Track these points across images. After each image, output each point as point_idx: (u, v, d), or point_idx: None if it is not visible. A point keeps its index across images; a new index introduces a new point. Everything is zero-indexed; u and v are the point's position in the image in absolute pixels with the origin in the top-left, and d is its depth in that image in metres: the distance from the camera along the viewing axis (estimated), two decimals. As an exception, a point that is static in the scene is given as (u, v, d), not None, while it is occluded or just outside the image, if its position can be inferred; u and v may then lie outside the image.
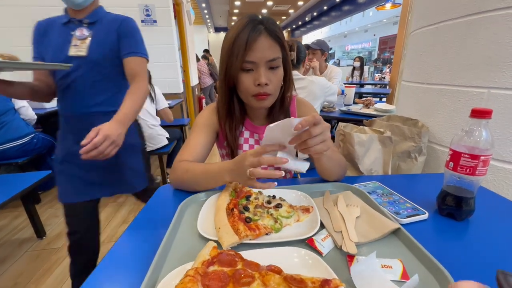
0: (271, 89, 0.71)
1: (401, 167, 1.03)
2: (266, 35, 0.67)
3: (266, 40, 0.67)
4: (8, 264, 1.52)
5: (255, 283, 0.36)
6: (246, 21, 0.67)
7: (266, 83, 0.68)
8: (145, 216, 0.61)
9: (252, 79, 0.69)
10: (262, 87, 0.69)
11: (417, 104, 1.15)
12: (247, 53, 0.66)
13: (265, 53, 0.67)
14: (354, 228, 0.51)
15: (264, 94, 0.70)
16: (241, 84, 0.71)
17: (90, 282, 0.42)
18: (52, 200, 2.27)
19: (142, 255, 0.48)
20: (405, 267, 0.41)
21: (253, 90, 0.70)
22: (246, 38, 0.65)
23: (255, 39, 0.66)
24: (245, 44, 0.65)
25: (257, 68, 0.68)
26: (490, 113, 0.50)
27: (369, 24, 17.33)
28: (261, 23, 0.67)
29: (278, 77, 0.72)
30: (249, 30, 0.66)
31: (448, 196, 0.57)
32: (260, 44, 0.66)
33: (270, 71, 0.70)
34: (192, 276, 0.35)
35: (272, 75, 0.70)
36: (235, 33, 0.67)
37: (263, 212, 0.56)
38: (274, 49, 0.69)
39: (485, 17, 0.82)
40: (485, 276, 0.41)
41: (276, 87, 0.73)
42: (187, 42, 4.19)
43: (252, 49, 0.66)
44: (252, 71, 0.69)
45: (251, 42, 0.66)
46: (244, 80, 0.70)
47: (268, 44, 0.67)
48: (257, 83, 0.68)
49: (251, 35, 0.65)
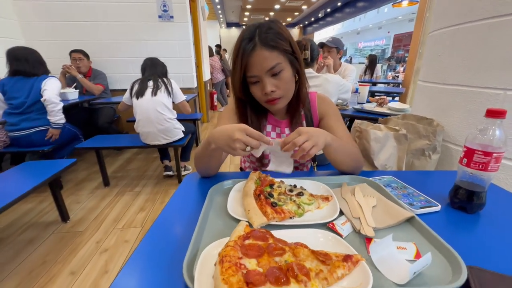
0: (280, 93, 0.75)
1: (415, 164, 1.06)
2: (260, 48, 0.70)
3: (261, 53, 0.70)
4: (37, 244, 1.64)
5: (287, 255, 0.41)
6: (242, 38, 0.72)
7: (272, 90, 0.73)
8: (176, 201, 0.68)
9: (259, 89, 0.75)
10: (269, 94, 0.74)
11: (433, 103, 1.17)
12: (247, 70, 0.72)
13: (263, 65, 0.71)
14: (371, 215, 0.55)
15: (273, 99, 0.76)
16: (253, 94, 0.77)
17: (137, 255, 0.48)
18: (73, 187, 2.40)
19: (178, 233, 0.54)
20: (418, 250, 0.46)
21: (264, 98, 0.76)
22: (241, 55, 0.71)
23: (251, 55, 0.70)
24: (241, 61, 0.71)
25: (261, 79, 0.73)
26: (505, 113, 0.53)
27: (384, 21, 16.91)
28: (253, 37, 0.70)
29: (284, 80, 0.74)
30: (244, 46, 0.70)
31: (460, 189, 0.61)
32: (256, 59, 0.70)
33: (274, 77, 0.73)
34: (232, 246, 0.41)
35: (277, 80, 0.74)
36: (236, 49, 0.73)
37: (286, 199, 0.61)
38: (272, 57, 0.71)
39: (504, 20, 0.84)
40: (493, 263, 0.45)
41: (285, 89, 0.76)
42: (200, 37, 4.25)
43: (250, 65, 0.71)
44: (259, 82, 0.74)
45: (247, 58, 0.70)
46: (254, 91, 0.77)
47: (264, 56, 0.70)
48: (264, 92, 0.74)
49: (245, 52, 0.70)
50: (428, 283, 0.39)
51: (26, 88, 2.05)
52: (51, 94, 2.06)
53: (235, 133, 0.56)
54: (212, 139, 0.64)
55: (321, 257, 0.41)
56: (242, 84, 0.77)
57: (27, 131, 2.08)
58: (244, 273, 0.36)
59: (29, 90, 2.05)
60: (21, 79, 2.06)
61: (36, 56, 2.13)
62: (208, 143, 0.67)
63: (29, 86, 2.05)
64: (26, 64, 2.05)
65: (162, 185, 2.43)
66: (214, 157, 0.72)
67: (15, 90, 2.04)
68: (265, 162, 0.92)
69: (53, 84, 2.12)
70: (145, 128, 2.13)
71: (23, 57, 2.05)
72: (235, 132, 0.57)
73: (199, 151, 0.74)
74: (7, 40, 2.85)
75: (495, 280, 0.39)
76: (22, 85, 2.05)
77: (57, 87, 2.16)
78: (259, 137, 0.58)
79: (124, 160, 3.09)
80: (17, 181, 1.54)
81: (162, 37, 3.23)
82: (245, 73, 0.73)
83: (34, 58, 2.11)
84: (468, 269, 0.40)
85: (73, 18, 3.06)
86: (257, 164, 0.94)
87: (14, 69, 2.04)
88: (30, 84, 2.05)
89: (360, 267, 0.40)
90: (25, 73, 2.06)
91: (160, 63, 2.26)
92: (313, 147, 0.60)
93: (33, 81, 2.06)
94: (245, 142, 0.57)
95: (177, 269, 0.42)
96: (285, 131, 0.90)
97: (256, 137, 0.58)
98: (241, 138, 0.56)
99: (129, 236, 1.72)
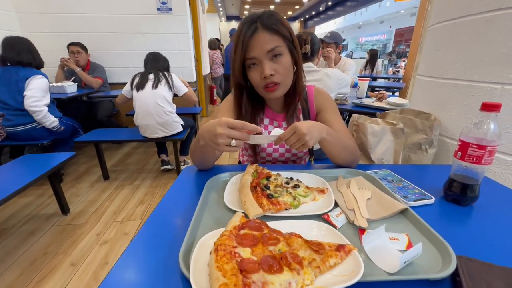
0: (279, 78, 0.75)
1: (412, 158, 1.07)
2: (262, 30, 0.71)
3: (262, 34, 0.71)
4: (38, 236, 1.66)
5: (281, 244, 0.42)
6: (243, 23, 0.73)
7: (271, 73, 0.73)
8: (174, 192, 0.68)
9: (258, 73, 0.74)
10: (268, 78, 0.73)
11: (431, 98, 1.17)
12: (247, 51, 0.72)
13: (263, 47, 0.71)
14: (365, 207, 0.56)
15: (272, 84, 0.75)
16: (251, 80, 0.77)
17: (135, 244, 0.49)
18: (73, 180, 2.41)
19: (176, 223, 0.55)
20: (410, 240, 0.47)
21: (262, 82, 0.75)
22: (243, 38, 0.71)
23: (251, 36, 0.71)
24: (242, 43, 0.71)
25: (260, 62, 0.73)
26: (499, 107, 0.54)
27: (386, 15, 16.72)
28: (255, 21, 0.71)
29: (284, 65, 0.74)
30: (245, 29, 0.71)
31: (454, 182, 0.61)
32: (256, 40, 0.71)
33: (274, 61, 0.74)
34: (227, 235, 0.42)
35: (276, 64, 0.74)
36: (236, 36, 0.74)
37: (282, 191, 0.62)
38: (273, 40, 0.72)
39: (503, 14, 0.83)
40: (483, 253, 0.46)
41: (283, 75, 0.75)
42: (200, 31, 4.21)
43: (250, 46, 0.72)
44: (257, 65, 0.74)
45: (247, 40, 0.71)
46: (252, 76, 0.76)
47: (265, 38, 0.71)
48: (263, 75, 0.73)
49: (247, 34, 0.71)
50: (418, 271, 0.41)
51: (11, 85, 1.93)
52: (31, 102, 1.93)
53: (217, 128, 0.54)
54: (200, 136, 0.63)
55: (315, 247, 0.42)
56: (242, 70, 0.77)
57: (24, 127, 2.04)
58: (238, 261, 0.37)
59: (14, 90, 1.94)
60: (6, 70, 1.95)
61: (25, 44, 2.02)
62: (197, 139, 0.68)
63: (14, 84, 1.93)
64: (11, 51, 1.94)
65: (161, 179, 2.44)
66: (206, 152, 0.72)
67: (3, 83, 1.94)
68: (260, 153, 0.92)
69: (35, 87, 1.96)
70: (144, 121, 2.13)
71: (8, 44, 1.95)
72: (216, 128, 0.54)
73: (192, 146, 0.75)
74: (5, 32, 2.81)
75: (483, 269, 0.40)
76: (7, 79, 1.94)
77: (40, 89, 1.99)
78: (242, 126, 0.55)
79: (123, 154, 3.10)
80: (17, 174, 1.55)
81: (161, 30, 3.20)
82: (245, 56, 0.73)
83: (22, 46, 1.98)
84: (457, 258, 0.41)
85: (72, 10, 3.03)
86: (254, 158, 0.95)
87: (1, 56, 1.95)
88: (14, 81, 1.93)
89: (352, 257, 0.41)
90: (11, 61, 1.95)
91: (162, 58, 2.27)
92: (302, 145, 0.63)
93: (16, 77, 1.93)
94: (228, 135, 0.54)
95: (174, 258, 0.43)
96: (282, 125, 0.91)
97: (239, 127, 0.55)
98: (223, 132, 0.54)
99: (128, 228, 1.74)
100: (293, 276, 0.36)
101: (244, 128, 0.55)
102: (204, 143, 0.62)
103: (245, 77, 0.79)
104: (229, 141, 0.55)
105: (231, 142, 0.55)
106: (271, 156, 0.92)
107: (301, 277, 0.37)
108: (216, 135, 0.54)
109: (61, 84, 2.59)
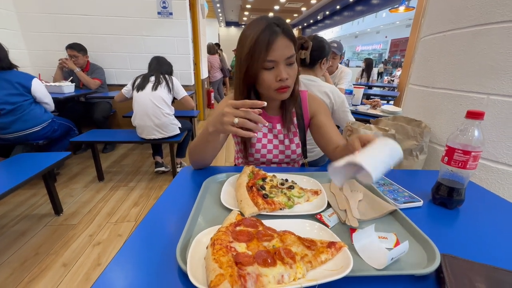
0: (290, 82, 0.80)
1: (403, 163, 1.10)
2: (283, 36, 0.75)
3: (284, 40, 0.75)
4: (29, 236, 1.64)
5: (275, 240, 0.44)
6: (265, 24, 0.75)
7: (287, 77, 0.78)
8: (170, 192, 0.70)
9: (273, 76, 0.78)
10: (283, 81, 0.78)
11: (422, 106, 1.21)
12: (268, 53, 0.75)
13: (284, 52, 0.76)
14: (357, 208, 0.59)
15: (285, 87, 0.80)
16: (263, 81, 0.79)
17: (129, 245, 0.48)
18: (67, 181, 2.39)
19: (173, 222, 0.56)
20: (398, 239, 0.49)
21: (275, 85, 0.79)
22: (267, 40, 0.74)
23: (275, 40, 0.74)
24: (266, 46, 0.74)
25: (277, 66, 0.77)
26: (483, 114, 0.57)
27: (382, 25, 17.12)
28: (277, 26, 0.76)
29: (295, 72, 0.81)
30: (269, 32, 0.74)
31: (441, 186, 0.64)
32: (279, 45, 0.75)
33: (288, 67, 0.79)
34: (224, 231, 0.44)
35: (290, 70, 0.79)
36: (255, 35, 0.74)
37: (278, 192, 0.64)
38: (291, 47, 0.78)
39: (489, 28, 0.88)
40: (467, 252, 0.49)
41: (293, 81, 0.82)
42: (199, 35, 4.26)
43: (272, 49, 0.75)
44: (273, 68, 0.77)
45: (271, 43, 0.74)
46: (265, 78, 0.78)
47: (285, 44, 0.76)
48: (279, 78, 0.77)
49: (271, 37, 0.74)
50: (404, 267, 0.43)
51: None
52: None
53: (225, 108, 0.61)
54: (208, 124, 0.70)
55: (307, 243, 0.43)
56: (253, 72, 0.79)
57: (21, 133, 2.02)
58: (234, 254, 0.39)
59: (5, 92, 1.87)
60: None
61: None
62: (205, 128, 0.72)
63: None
64: None
65: (156, 181, 2.44)
66: (210, 142, 0.75)
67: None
68: (251, 151, 0.94)
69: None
70: (141, 121, 2.15)
71: None
72: (224, 108, 0.62)
73: (195, 140, 0.79)
74: (4, 31, 2.82)
75: (465, 266, 0.42)
76: None
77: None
78: (242, 104, 0.60)
79: (119, 155, 3.09)
80: (10, 173, 1.54)
81: (160, 33, 3.23)
82: (264, 58, 0.75)
83: None
84: (441, 256, 0.43)
85: (72, 11, 3.04)
86: (247, 160, 0.96)
87: None
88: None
89: (342, 253, 0.43)
90: None
91: (166, 63, 2.33)
92: None
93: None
94: (233, 114, 0.60)
95: (171, 252, 0.44)
96: (276, 127, 0.94)
97: (240, 106, 0.60)
98: (228, 111, 0.61)
99: (122, 230, 1.73)
100: (286, 270, 0.38)
101: (244, 105, 0.60)
102: (213, 128, 0.67)
103: (249, 80, 0.81)
104: (234, 119, 0.60)
105: (233, 120, 0.60)
106: (265, 157, 0.94)
107: (294, 270, 0.39)
108: (223, 114, 0.61)
109: (59, 84, 2.59)
